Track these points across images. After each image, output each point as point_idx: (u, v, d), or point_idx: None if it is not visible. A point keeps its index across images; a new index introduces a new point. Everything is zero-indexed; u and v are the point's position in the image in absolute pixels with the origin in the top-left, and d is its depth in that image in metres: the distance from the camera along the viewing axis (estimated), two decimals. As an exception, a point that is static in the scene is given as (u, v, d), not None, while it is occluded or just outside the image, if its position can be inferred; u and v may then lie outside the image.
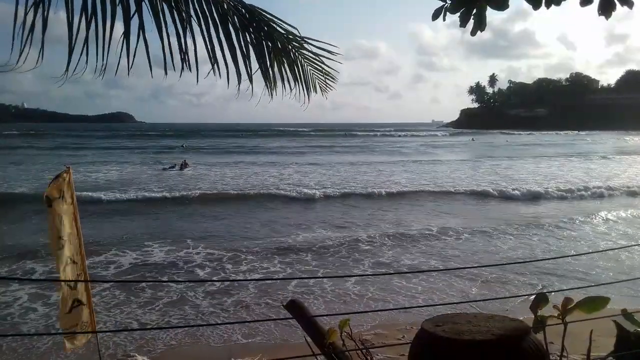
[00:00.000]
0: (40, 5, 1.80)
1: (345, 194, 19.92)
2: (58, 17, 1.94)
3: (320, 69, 2.93)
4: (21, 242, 11.86)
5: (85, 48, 1.92)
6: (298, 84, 2.85)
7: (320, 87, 3.06)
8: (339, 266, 10.34)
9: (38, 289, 8.33)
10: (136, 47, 2.03)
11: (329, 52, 2.81)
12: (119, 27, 2.01)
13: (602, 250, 10.92)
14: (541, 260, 10.07)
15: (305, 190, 20.04)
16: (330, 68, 2.93)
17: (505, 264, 10.06)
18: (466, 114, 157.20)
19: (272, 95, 2.70)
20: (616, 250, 10.58)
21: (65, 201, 4.15)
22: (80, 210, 4.47)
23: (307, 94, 2.93)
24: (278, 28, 2.65)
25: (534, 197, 19.87)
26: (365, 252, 11.34)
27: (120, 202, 18.17)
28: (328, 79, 3.03)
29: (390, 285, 8.77)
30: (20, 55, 1.74)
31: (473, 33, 2.20)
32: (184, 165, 30.41)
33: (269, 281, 9.10)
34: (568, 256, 10.70)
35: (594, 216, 15.35)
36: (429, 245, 12.02)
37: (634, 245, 11.17)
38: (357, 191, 20.50)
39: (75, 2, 1.91)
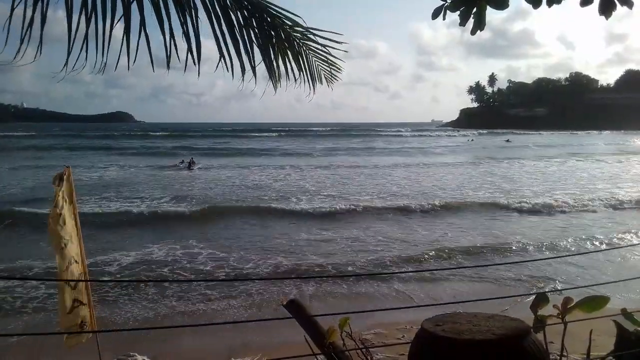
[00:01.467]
0: (39, 2, 1.79)
1: (345, 203, 19.52)
2: (57, 15, 1.93)
3: (325, 59, 2.88)
4: (21, 241, 11.83)
5: (85, 44, 1.90)
6: (303, 74, 2.80)
7: (325, 78, 3.01)
8: (342, 262, 10.36)
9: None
10: (138, 41, 2.01)
11: (334, 41, 2.76)
12: (119, 24, 1.99)
13: (600, 250, 10.90)
14: (539, 260, 10.06)
15: (326, 203, 17.39)
16: (336, 58, 2.88)
17: (503, 264, 10.05)
18: (466, 113, 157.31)
19: (276, 88, 2.65)
20: (616, 250, 10.57)
21: (66, 201, 4.15)
22: (81, 210, 4.46)
23: (313, 85, 2.88)
24: (282, 19, 2.60)
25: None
26: (363, 249, 11.34)
27: (121, 203, 18.12)
28: (333, 70, 2.97)
29: (390, 284, 8.77)
30: (18, 51, 1.72)
31: (473, 32, 2.20)
32: (191, 164, 30.33)
33: (269, 280, 9.09)
34: (565, 256, 10.68)
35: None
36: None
37: (633, 245, 11.16)
38: (355, 199, 20.29)
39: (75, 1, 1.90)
